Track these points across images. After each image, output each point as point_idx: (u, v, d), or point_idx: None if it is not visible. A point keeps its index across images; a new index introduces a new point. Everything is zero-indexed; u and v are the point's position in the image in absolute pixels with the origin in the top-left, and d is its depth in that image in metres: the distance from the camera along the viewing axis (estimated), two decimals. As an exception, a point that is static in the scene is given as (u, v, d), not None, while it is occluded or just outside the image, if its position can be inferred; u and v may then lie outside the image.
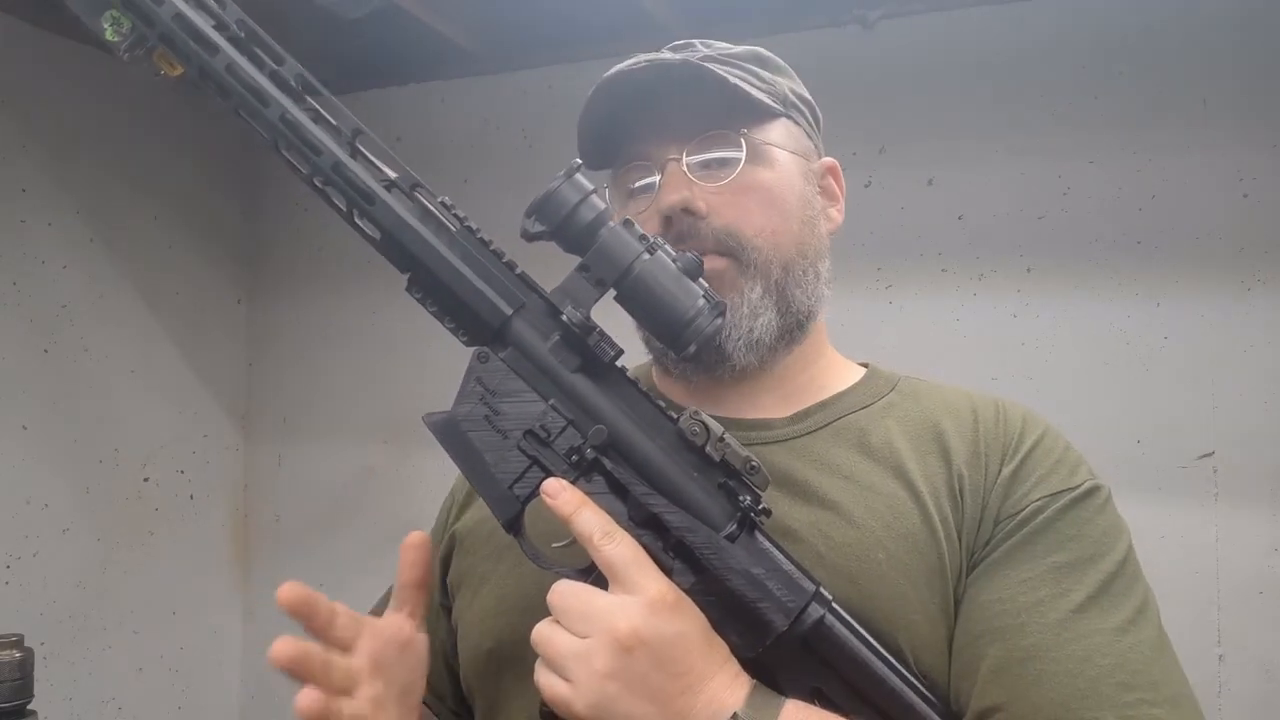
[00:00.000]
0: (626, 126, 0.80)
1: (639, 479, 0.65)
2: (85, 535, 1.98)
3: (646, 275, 0.65)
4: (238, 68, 0.63)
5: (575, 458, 0.65)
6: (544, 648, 0.62)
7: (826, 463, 0.76)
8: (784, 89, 0.83)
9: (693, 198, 0.76)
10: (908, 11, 1.81)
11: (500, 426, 0.65)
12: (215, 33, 0.63)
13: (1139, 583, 0.69)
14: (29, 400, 1.89)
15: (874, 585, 0.70)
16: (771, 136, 0.80)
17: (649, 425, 0.66)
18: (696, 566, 0.64)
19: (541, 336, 0.66)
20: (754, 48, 0.84)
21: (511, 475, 0.65)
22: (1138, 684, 0.63)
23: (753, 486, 0.66)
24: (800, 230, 0.80)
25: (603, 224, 0.66)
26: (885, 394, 0.82)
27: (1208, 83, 1.63)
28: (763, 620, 0.64)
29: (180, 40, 0.62)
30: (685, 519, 0.64)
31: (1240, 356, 1.60)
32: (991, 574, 0.69)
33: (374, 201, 0.65)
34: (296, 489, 2.34)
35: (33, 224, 1.90)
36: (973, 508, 0.72)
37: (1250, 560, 1.57)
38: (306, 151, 0.64)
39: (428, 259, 0.65)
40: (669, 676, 0.60)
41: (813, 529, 0.72)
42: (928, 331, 1.78)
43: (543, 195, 0.65)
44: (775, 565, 0.65)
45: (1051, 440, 0.76)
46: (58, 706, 1.89)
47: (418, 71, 2.20)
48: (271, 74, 0.64)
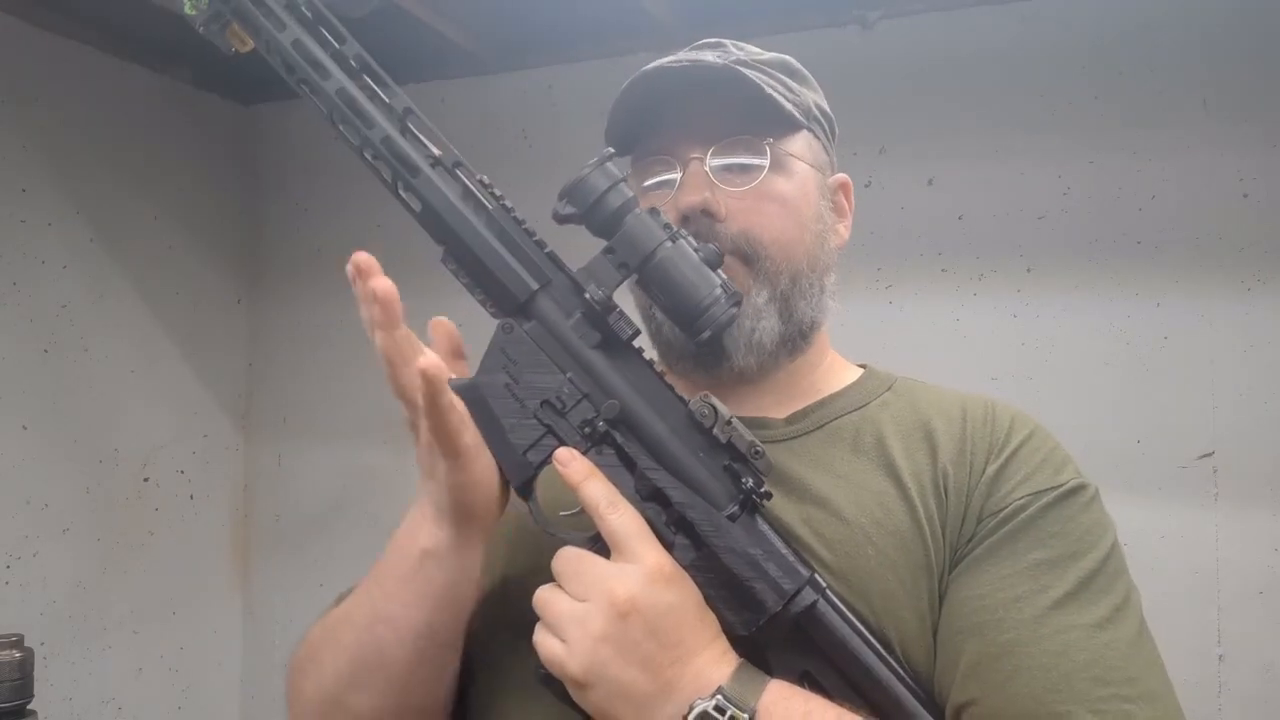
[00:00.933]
0: (654, 119, 0.81)
1: (647, 454, 0.68)
2: (85, 535, 1.98)
3: (668, 261, 0.67)
4: (303, 44, 0.67)
5: (588, 429, 0.68)
6: (544, 609, 0.64)
7: (820, 461, 0.77)
8: (809, 101, 0.84)
9: (713, 200, 0.77)
10: (908, 11, 1.81)
11: (519, 395, 0.68)
12: (285, 10, 0.67)
13: (1120, 580, 0.70)
14: (29, 400, 1.89)
15: (864, 581, 0.71)
16: (794, 148, 0.81)
17: (661, 404, 0.69)
18: (696, 542, 0.66)
19: (564, 313, 0.69)
20: (784, 56, 0.85)
21: (527, 442, 0.68)
22: (1113, 679, 0.64)
23: (757, 470, 0.68)
24: (811, 244, 0.81)
25: (629, 210, 0.68)
26: (880, 393, 0.83)
27: (1208, 83, 1.63)
28: (757, 599, 0.66)
29: (252, 15, 0.67)
30: (688, 495, 0.67)
31: (1240, 356, 1.60)
32: (973, 570, 0.70)
33: (418, 175, 0.68)
34: (296, 489, 2.34)
35: (33, 224, 1.90)
36: (956, 504, 0.73)
37: (1250, 560, 1.57)
38: (360, 124, 0.67)
39: (464, 232, 0.68)
40: (660, 646, 0.62)
41: (805, 525, 0.74)
42: (928, 331, 1.78)
43: (575, 180, 0.69)
44: (773, 548, 0.67)
45: (1039, 440, 0.76)
46: (58, 706, 1.90)
47: (418, 71, 2.20)
48: (333, 53, 0.68)
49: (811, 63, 0.88)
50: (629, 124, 0.82)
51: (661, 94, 0.80)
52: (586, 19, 1.92)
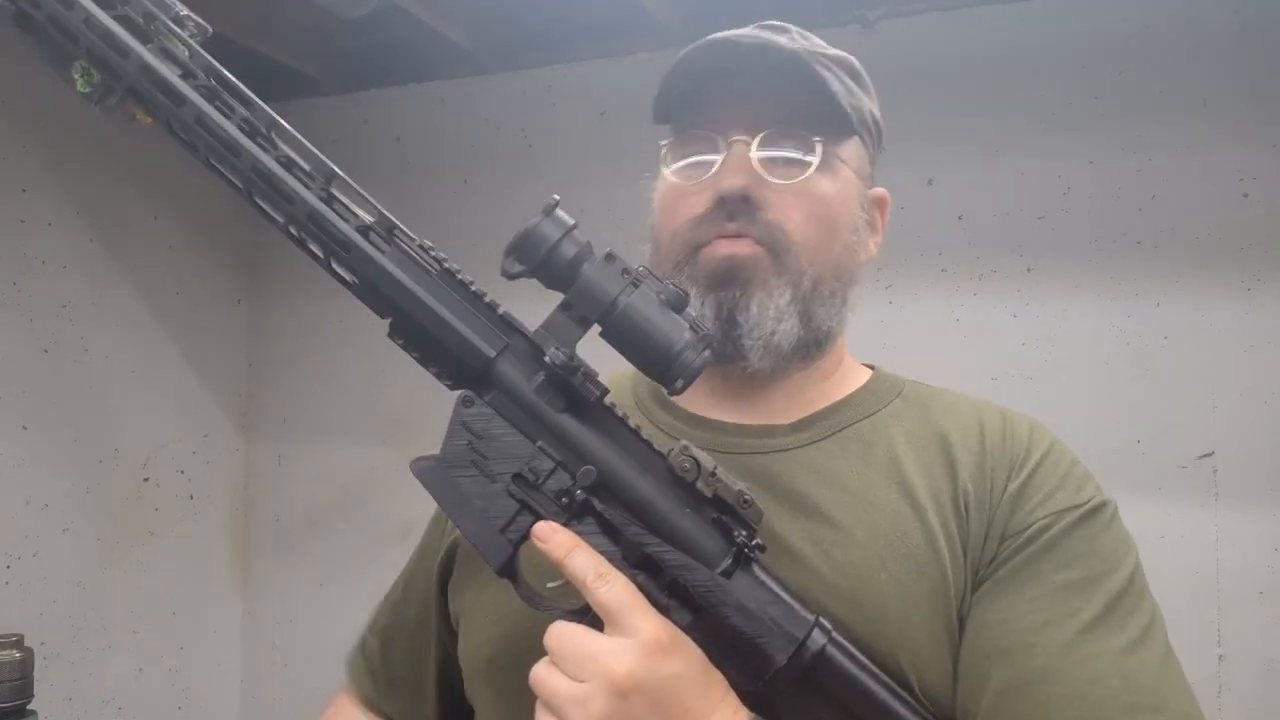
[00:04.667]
0: (707, 90, 0.77)
1: (631, 518, 0.64)
2: (85, 535, 1.98)
3: (630, 311, 0.63)
4: (207, 118, 0.62)
5: (565, 500, 0.64)
6: (541, 690, 0.61)
7: (828, 474, 0.75)
8: (865, 107, 0.81)
9: (754, 187, 0.74)
10: (908, 11, 1.81)
11: (488, 471, 0.64)
12: (183, 83, 0.61)
13: (1145, 599, 0.69)
14: (29, 400, 1.89)
15: (876, 608, 0.69)
16: (844, 153, 0.79)
17: (639, 462, 0.65)
18: (693, 605, 0.63)
19: (526, 377, 0.65)
20: (848, 56, 0.82)
21: (502, 520, 0.64)
22: (1144, 704, 0.63)
23: (747, 520, 0.64)
24: (841, 253, 0.78)
25: (585, 259, 0.64)
26: (891, 400, 0.80)
27: (1208, 83, 1.63)
28: (763, 655, 0.63)
29: (148, 92, 0.61)
30: (680, 557, 0.63)
31: (1240, 356, 1.60)
32: (998, 593, 0.69)
33: (350, 249, 0.64)
34: (296, 489, 2.34)
35: (33, 224, 1.90)
36: (978, 524, 0.71)
37: (1250, 560, 1.57)
38: (280, 201, 0.63)
39: (406, 304, 0.64)
40: (667, 718, 0.59)
41: (815, 548, 0.71)
42: (928, 331, 1.78)
43: (521, 233, 0.64)
44: (773, 598, 0.64)
45: (1058, 454, 0.75)
46: (58, 706, 1.89)
47: (418, 71, 2.20)
48: (242, 121, 0.63)
49: (811, 63, 0.88)
50: (680, 93, 0.78)
51: (718, 68, 0.76)
52: (586, 19, 1.92)
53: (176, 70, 0.62)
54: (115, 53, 0.60)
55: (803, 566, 0.70)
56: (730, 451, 0.77)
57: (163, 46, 0.61)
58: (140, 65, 0.61)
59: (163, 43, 0.61)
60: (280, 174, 0.62)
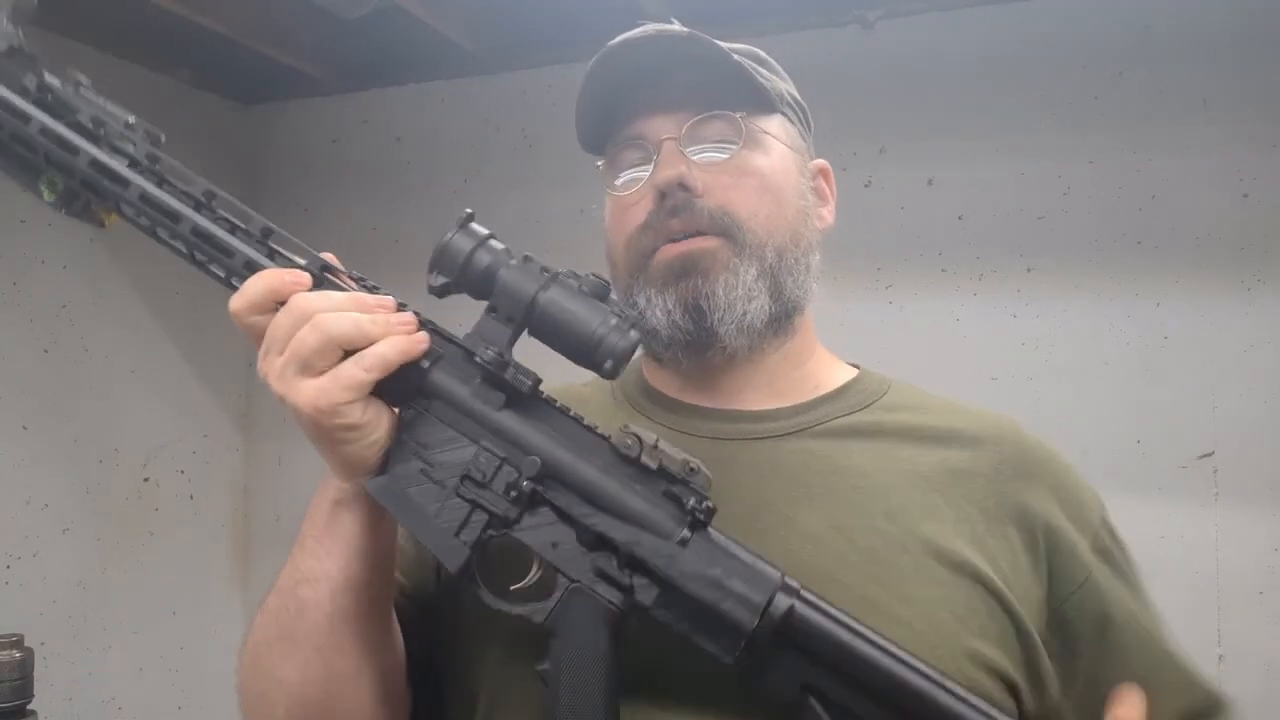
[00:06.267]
0: (624, 104, 0.79)
1: (581, 501, 0.65)
2: (85, 535, 1.98)
3: (550, 304, 0.65)
4: (150, 196, 0.68)
5: (514, 493, 0.65)
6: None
7: (837, 463, 0.76)
8: (781, 88, 0.83)
9: (688, 174, 0.76)
10: (908, 11, 1.81)
11: (436, 477, 0.66)
12: (128, 170, 0.68)
13: None
14: (29, 400, 1.89)
15: (903, 586, 0.69)
16: (770, 127, 0.80)
17: (584, 447, 0.66)
18: (654, 579, 0.63)
19: (462, 382, 0.67)
20: (751, 48, 0.84)
21: (455, 523, 0.65)
22: None
23: (696, 489, 0.65)
24: (794, 219, 0.80)
25: (502, 264, 0.66)
26: (881, 395, 0.82)
27: (1208, 83, 1.63)
28: (730, 621, 0.62)
29: (98, 182, 0.68)
30: (630, 532, 0.64)
31: (1240, 356, 1.60)
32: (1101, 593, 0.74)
33: None
34: (296, 489, 2.33)
35: (33, 224, 1.90)
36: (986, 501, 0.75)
37: (1250, 560, 1.57)
38: (220, 256, 0.68)
39: None
40: None
41: (834, 532, 0.71)
42: (928, 331, 1.78)
43: (439, 247, 0.67)
44: (734, 561, 0.64)
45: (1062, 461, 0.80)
46: (58, 706, 1.89)
47: (418, 71, 2.20)
48: (181, 196, 0.69)
49: (811, 63, 0.88)
50: (598, 113, 0.81)
51: (627, 74, 0.78)
52: (586, 19, 1.92)
53: (124, 161, 0.69)
54: (67, 152, 0.68)
55: (823, 549, 0.70)
56: (735, 438, 0.78)
57: (112, 144, 0.69)
58: (90, 159, 0.68)
59: (112, 142, 0.69)
60: (222, 233, 0.68)
